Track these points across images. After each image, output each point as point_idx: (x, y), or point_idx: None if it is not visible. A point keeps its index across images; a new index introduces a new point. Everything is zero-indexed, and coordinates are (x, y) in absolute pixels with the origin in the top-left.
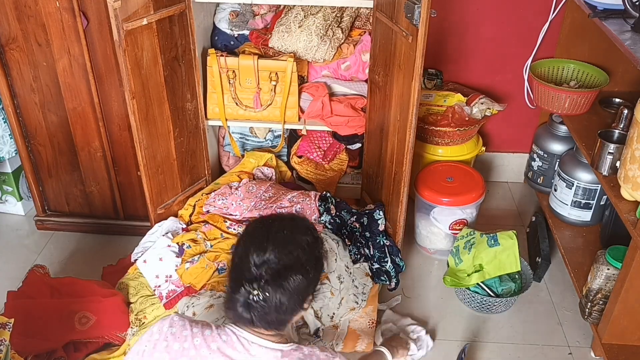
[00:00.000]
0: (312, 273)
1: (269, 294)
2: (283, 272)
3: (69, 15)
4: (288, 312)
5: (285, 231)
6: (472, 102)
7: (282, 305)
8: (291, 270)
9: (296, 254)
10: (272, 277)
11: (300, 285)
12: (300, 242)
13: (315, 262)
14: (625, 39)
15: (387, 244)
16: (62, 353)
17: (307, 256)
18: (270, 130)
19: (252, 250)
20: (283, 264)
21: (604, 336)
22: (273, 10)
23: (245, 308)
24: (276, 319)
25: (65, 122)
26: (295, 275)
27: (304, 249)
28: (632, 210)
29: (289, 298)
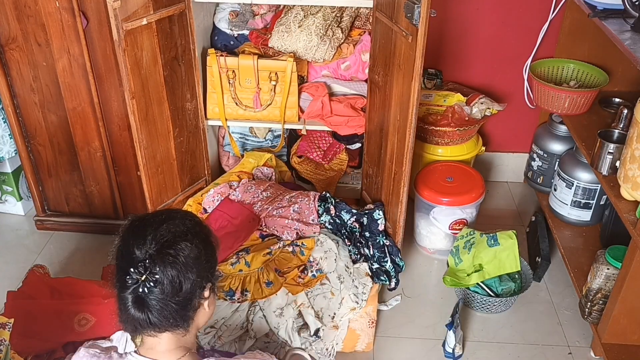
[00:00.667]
0: (200, 247)
1: (160, 271)
2: (169, 243)
3: (68, 15)
4: (186, 298)
5: (163, 216)
6: (471, 102)
7: (178, 283)
8: (177, 239)
9: (177, 228)
10: (158, 251)
11: (192, 256)
12: (181, 221)
13: (203, 239)
14: (625, 39)
15: (386, 244)
16: (61, 353)
17: (191, 231)
18: (270, 130)
19: (132, 242)
20: (165, 238)
21: (603, 336)
22: (273, 10)
23: (138, 305)
24: (177, 311)
25: (65, 122)
26: (182, 244)
27: (185, 224)
28: (631, 210)
29: (184, 272)
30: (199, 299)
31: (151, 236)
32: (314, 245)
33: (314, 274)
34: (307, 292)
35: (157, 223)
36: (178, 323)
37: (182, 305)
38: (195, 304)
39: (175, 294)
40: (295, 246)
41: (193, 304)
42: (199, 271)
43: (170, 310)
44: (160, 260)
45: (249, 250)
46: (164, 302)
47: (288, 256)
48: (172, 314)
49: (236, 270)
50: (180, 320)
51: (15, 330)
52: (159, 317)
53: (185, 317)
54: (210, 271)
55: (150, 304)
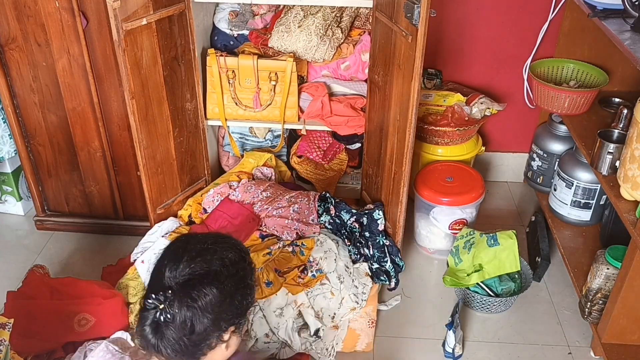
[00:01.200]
0: (230, 291)
1: (176, 308)
2: (193, 282)
3: (68, 15)
4: (200, 338)
5: (206, 244)
6: (471, 101)
7: (190, 325)
8: (203, 281)
9: (212, 265)
10: (181, 287)
11: (214, 301)
12: (221, 256)
13: (237, 282)
14: (625, 39)
15: (386, 244)
16: (61, 353)
17: (227, 271)
18: (270, 130)
19: (167, 263)
20: (196, 273)
21: (603, 336)
22: (272, 10)
23: (154, 329)
24: (188, 347)
25: (65, 122)
26: (207, 288)
27: (223, 262)
28: (631, 210)
29: (199, 316)
30: (216, 340)
31: (184, 265)
32: (313, 245)
33: (313, 274)
34: (307, 292)
35: (198, 251)
36: (184, 357)
37: (195, 344)
38: (211, 343)
39: (187, 334)
40: (295, 246)
41: (209, 343)
42: (219, 316)
43: (182, 345)
44: (179, 298)
45: (249, 251)
46: (177, 337)
47: (288, 256)
48: (183, 349)
49: None
50: (188, 356)
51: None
52: (169, 348)
53: (195, 355)
54: (236, 314)
55: (164, 332)
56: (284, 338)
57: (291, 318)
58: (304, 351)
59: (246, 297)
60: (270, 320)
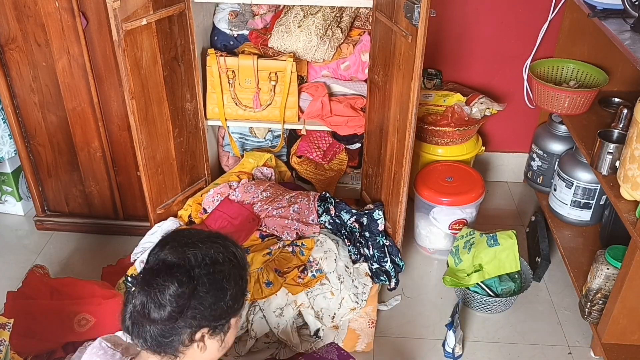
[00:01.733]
0: (200, 290)
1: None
2: (158, 270)
3: (68, 16)
4: (164, 330)
5: (194, 239)
6: (471, 102)
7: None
8: (168, 271)
9: (187, 260)
10: (146, 273)
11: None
12: (203, 253)
13: (211, 283)
14: (625, 39)
15: (386, 244)
16: (61, 354)
17: (201, 270)
18: (270, 130)
19: (154, 248)
20: (166, 262)
21: (603, 336)
22: (272, 10)
23: (129, 313)
24: (153, 337)
25: (65, 122)
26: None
27: (203, 260)
28: (631, 210)
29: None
30: (187, 338)
31: (164, 253)
32: (313, 246)
33: (313, 274)
34: (307, 292)
35: (182, 243)
36: (158, 349)
37: (161, 335)
38: (182, 340)
39: (147, 321)
40: (295, 246)
41: (180, 339)
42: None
43: (150, 333)
44: (141, 283)
45: (249, 251)
46: (142, 323)
47: (288, 256)
48: (151, 338)
49: None
50: (160, 348)
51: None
52: (140, 335)
53: (167, 349)
54: (207, 316)
55: (135, 317)
56: (283, 338)
57: (291, 318)
58: (304, 351)
59: (221, 300)
60: (270, 320)
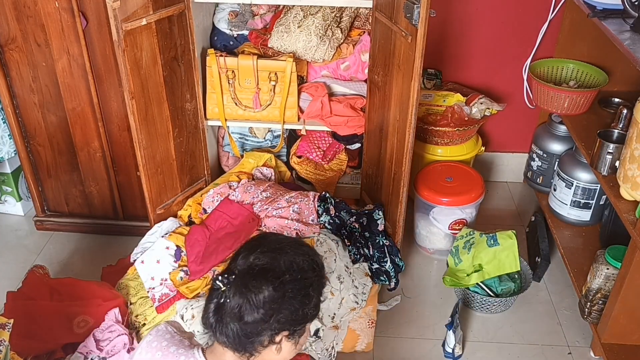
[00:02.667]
0: (289, 295)
1: (232, 293)
2: (254, 273)
3: (68, 16)
4: (250, 331)
5: (283, 244)
6: (471, 102)
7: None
8: (263, 275)
9: (279, 264)
10: (242, 275)
11: (267, 299)
12: (291, 259)
13: (299, 288)
14: (625, 39)
15: (386, 244)
16: (61, 354)
17: (290, 275)
18: (270, 131)
19: (243, 250)
20: (260, 266)
21: (603, 336)
22: (272, 11)
23: (215, 309)
24: (237, 336)
25: (65, 122)
26: (265, 283)
27: (291, 265)
28: (631, 210)
29: (249, 308)
30: (268, 340)
31: (254, 256)
32: (313, 246)
33: None
34: None
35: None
36: (238, 347)
37: (246, 335)
38: (263, 341)
39: (237, 321)
40: None
41: (261, 339)
42: (271, 314)
43: (234, 332)
44: (237, 285)
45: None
46: (230, 322)
47: None
48: (235, 336)
49: None
50: (241, 347)
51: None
52: (223, 331)
53: (247, 347)
54: (290, 320)
55: (222, 315)
56: None
57: None
58: (304, 351)
59: (305, 306)
60: None
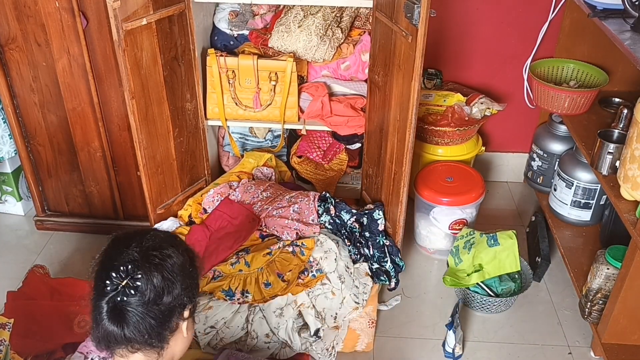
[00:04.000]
0: (187, 258)
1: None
2: (154, 246)
3: (68, 15)
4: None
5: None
6: (471, 101)
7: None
8: (163, 244)
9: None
10: (142, 255)
11: (178, 263)
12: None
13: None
14: (625, 39)
15: (386, 244)
16: (61, 354)
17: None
18: (270, 130)
19: (114, 252)
20: (150, 243)
21: (603, 336)
22: (272, 10)
23: (114, 316)
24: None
25: (65, 122)
26: (169, 249)
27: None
28: (631, 210)
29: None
30: (177, 319)
31: (135, 244)
32: (313, 246)
33: (314, 274)
34: (309, 292)
35: (142, 234)
36: (153, 341)
37: (160, 321)
38: (173, 324)
39: (156, 304)
40: (295, 246)
41: (171, 323)
42: (183, 284)
43: (147, 324)
44: (145, 263)
45: (249, 251)
46: (141, 314)
47: (288, 256)
48: (148, 328)
49: (236, 270)
50: (156, 339)
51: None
52: (133, 331)
53: (161, 337)
54: (193, 290)
55: (126, 315)
56: (284, 338)
57: (291, 318)
58: (304, 351)
59: (195, 270)
60: (270, 320)
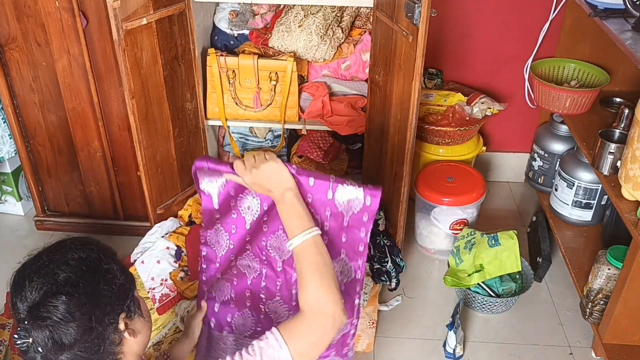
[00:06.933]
0: (88, 288)
1: (35, 335)
2: (40, 302)
3: (68, 15)
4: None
5: (42, 260)
6: (472, 101)
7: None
8: (49, 296)
9: (56, 275)
10: (29, 313)
11: (70, 308)
12: (63, 260)
13: (93, 274)
14: (626, 39)
15: (387, 244)
16: None
17: (76, 272)
18: (270, 130)
19: (15, 296)
20: (42, 291)
21: (604, 336)
22: (273, 10)
23: None
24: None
25: (65, 122)
26: (54, 300)
27: (68, 265)
28: (632, 210)
29: (60, 330)
30: (114, 335)
31: (29, 290)
32: None
33: None
34: None
35: (35, 271)
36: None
37: (92, 351)
38: (113, 340)
39: (69, 350)
40: None
41: (109, 342)
42: (89, 317)
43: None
44: (32, 324)
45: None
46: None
47: None
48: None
49: None
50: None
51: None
52: None
53: (106, 356)
54: (112, 303)
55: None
56: None
57: None
58: None
59: (112, 281)
60: None
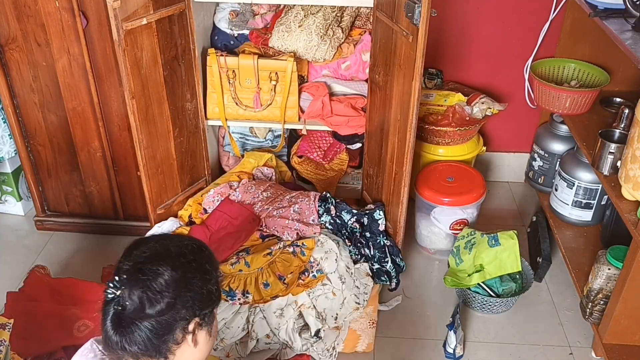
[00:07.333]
0: (188, 274)
1: (129, 289)
2: (145, 262)
3: (68, 15)
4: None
5: (165, 237)
6: (472, 101)
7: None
8: (156, 260)
9: (169, 249)
10: (133, 268)
11: (168, 281)
12: (177, 243)
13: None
14: (626, 39)
15: (387, 244)
16: (62, 354)
17: (184, 256)
18: (270, 130)
19: (123, 255)
20: (149, 254)
21: (604, 336)
22: (273, 10)
23: (114, 325)
24: (149, 339)
25: (65, 122)
26: (160, 266)
27: (180, 247)
28: (632, 210)
29: (152, 296)
30: (180, 332)
31: (139, 251)
32: (314, 246)
33: (314, 275)
34: (309, 293)
35: (152, 240)
36: (150, 352)
37: (156, 334)
38: (176, 337)
39: (144, 319)
40: (295, 246)
41: (173, 336)
42: (176, 299)
43: (143, 335)
44: (131, 279)
45: (250, 251)
46: (136, 325)
47: (289, 257)
48: (146, 342)
49: (236, 271)
50: (153, 350)
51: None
52: (133, 343)
53: (160, 349)
54: (198, 302)
55: (123, 324)
56: (284, 339)
57: (292, 319)
58: (305, 352)
59: (207, 283)
60: (270, 321)
